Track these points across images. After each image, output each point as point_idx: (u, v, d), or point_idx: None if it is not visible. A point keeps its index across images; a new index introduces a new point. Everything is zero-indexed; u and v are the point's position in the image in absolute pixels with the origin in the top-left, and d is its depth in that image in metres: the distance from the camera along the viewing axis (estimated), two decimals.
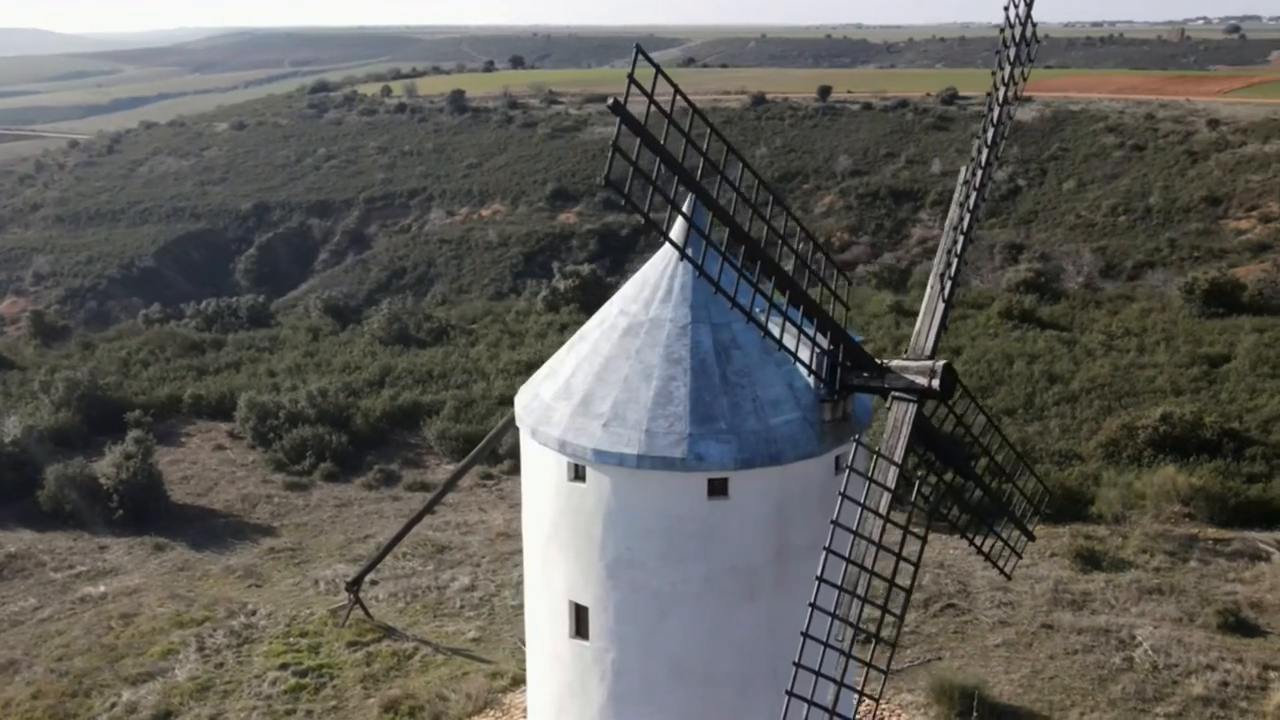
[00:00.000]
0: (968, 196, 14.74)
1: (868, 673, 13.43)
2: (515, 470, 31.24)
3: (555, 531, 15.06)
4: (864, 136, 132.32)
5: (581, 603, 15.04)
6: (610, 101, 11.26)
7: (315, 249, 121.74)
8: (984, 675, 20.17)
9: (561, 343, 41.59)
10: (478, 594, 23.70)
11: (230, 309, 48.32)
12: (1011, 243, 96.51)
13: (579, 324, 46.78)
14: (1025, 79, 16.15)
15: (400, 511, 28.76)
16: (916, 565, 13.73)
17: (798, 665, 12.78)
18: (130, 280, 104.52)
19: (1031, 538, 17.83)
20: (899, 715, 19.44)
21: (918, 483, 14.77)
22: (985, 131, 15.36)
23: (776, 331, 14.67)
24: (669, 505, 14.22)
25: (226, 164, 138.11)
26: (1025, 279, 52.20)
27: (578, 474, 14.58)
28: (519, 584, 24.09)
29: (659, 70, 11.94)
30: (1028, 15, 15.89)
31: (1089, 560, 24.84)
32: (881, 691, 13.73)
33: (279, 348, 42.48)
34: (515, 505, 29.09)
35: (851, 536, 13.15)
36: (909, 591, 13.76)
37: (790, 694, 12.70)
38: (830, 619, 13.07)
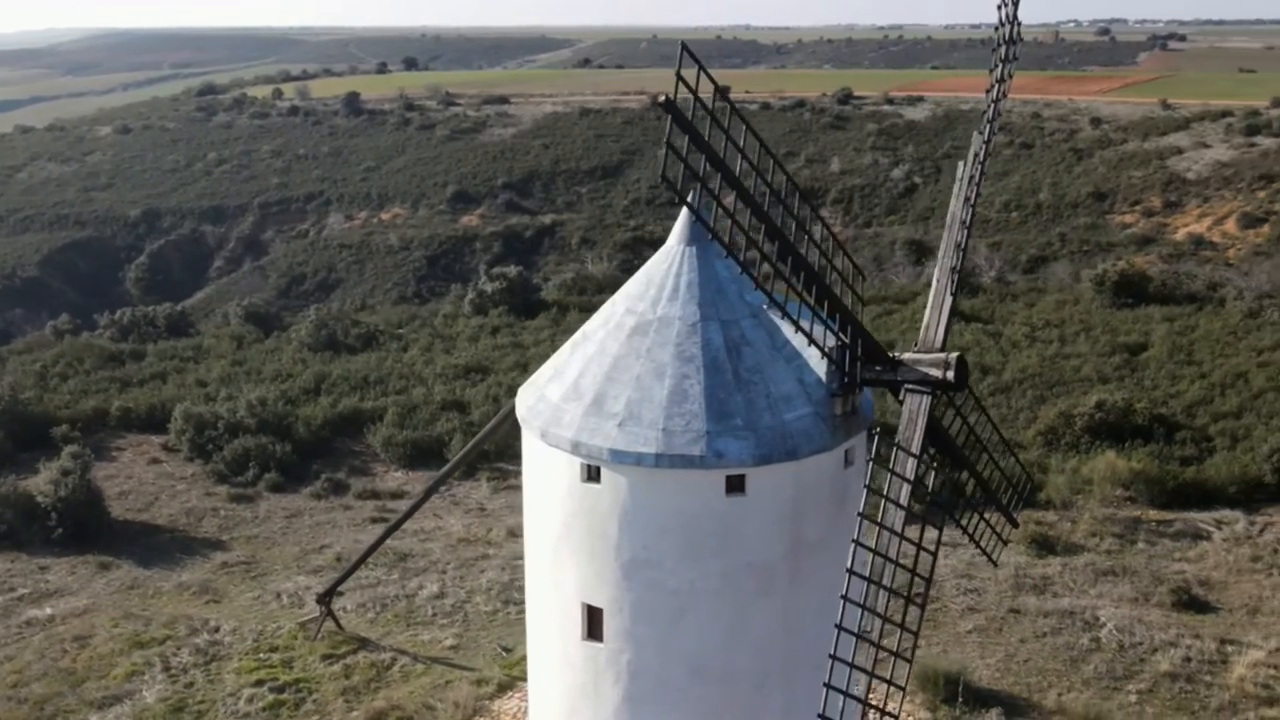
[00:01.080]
0: (970, 192, 15.07)
1: (895, 662, 13.64)
2: (466, 476, 30.94)
3: (567, 534, 14.94)
4: (763, 136, 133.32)
5: (595, 604, 14.94)
6: (662, 99, 11.20)
7: (209, 256, 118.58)
8: (962, 661, 20.62)
9: (495, 346, 41.47)
10: (448, 601, 23.38)
11: (147, 318, 46.73)
12: (911, 239, 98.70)
13: (510, 327, 46.72)
14: (1011, 77, 16.56)
15: (353, 521, 28.26)
16: (935, 554, 14.02)
17: (834, 657, 12.96)
18: (13, 291, 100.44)
19: (1016, 524, 18.32)
20: (889, 702, 19.71)
21: (934, 474, 15.03)
22: (984, 127, 15.73)
23: (788, 328, 14.85)
24: (687, 503, 14.23)
25: (112, 169, 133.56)
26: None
27: (591, 475, 14.48)
28: (489, 590, 23.90)
29: (701, 68, 11.94)
30: (1014, 16, 16.30)
31: (1044, 545, 25.60)
32: (907, 680, 14.04)
33: (203, 357, 41.25)
34: (471, 510, 28.84)
35: (875, 529, 13.36)
36: (929, 580, 14.07)
37: (828, 686, 12.83)
38: (860, 610, 13.27)
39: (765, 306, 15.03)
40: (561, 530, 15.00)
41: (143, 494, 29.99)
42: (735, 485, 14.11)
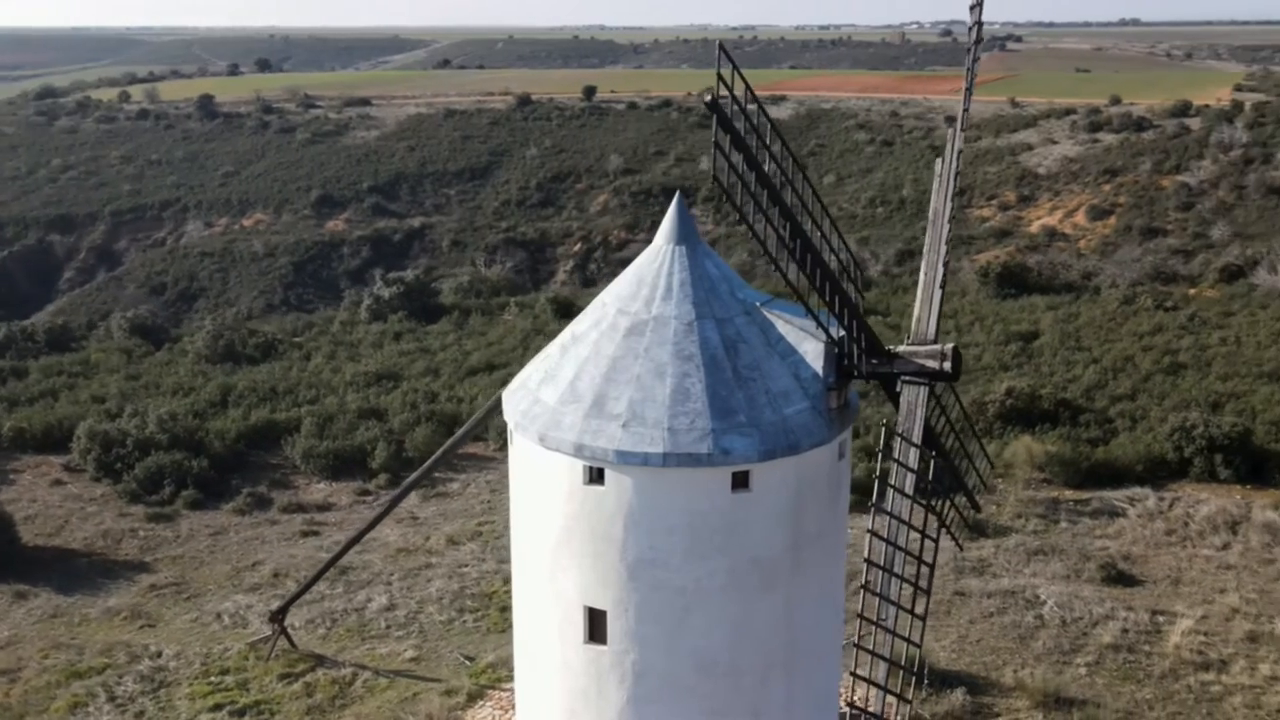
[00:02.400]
0: (952, 185, 15.53)
1: (907, 649, 14.02)
2: (392, 485, 30.34)
3: (568, 537, 14.85)
4: (632, 135, 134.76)
5: (598, 607, 14.89)
6: (708, 99, 11.24)
7: (59, 267, 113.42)
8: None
9: (402, 352, 40.78)
10: (400, 613, 22.93)
11: (26, 333, 44.27)
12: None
13: (413, 332, 46.00)
14: (975, 76, 17.11)
15: (282, 535, 27.44)
16: (937, 540, 14.46)
17: (858, 646, 13.25)
18: None
19: (978, 509, 18.96)
20: (856, 690, 20.15)
21: (932, 464, 15.46)
22: (955, 122, 16.22)
23: (782, 325, 15.09)
24: (693, 501, 14.32)
25: None
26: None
27: (594, 477, 14.44)
28: (441, 599, 23.54)
29: (736, 69, 11.99)
30: (979, 20, 16.87)
31: (975, 529, 26.45)
32: (918, 664, 14.49)
33: (93, 372, 39.38)
34: (404, 520, 28.33)
35: (887, 519, 13.70)
36: (932, 566, 14.50)
37: (855, 675, 13.10)
38: (878, 598, 13.59)
39: (760, 305, 15.26)
40: (562, 534, 14.89)
41: (51, 518, 28.51)
42: (740, 481, 14.26)
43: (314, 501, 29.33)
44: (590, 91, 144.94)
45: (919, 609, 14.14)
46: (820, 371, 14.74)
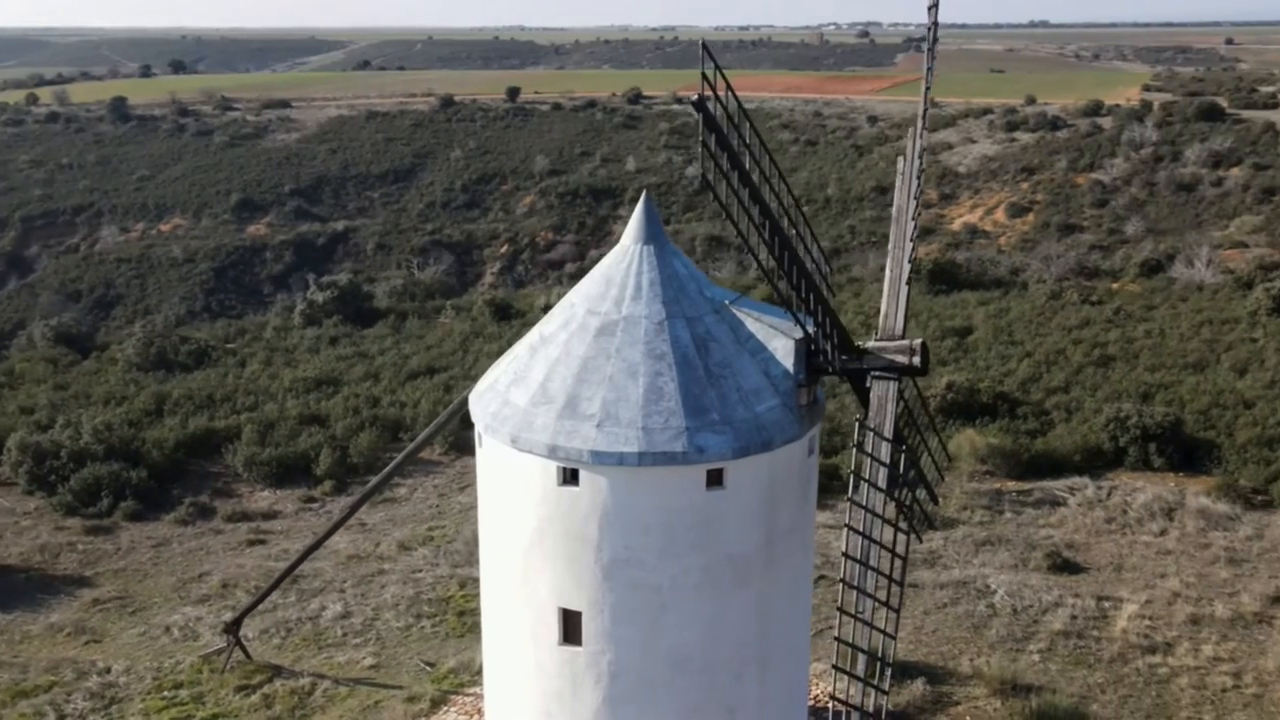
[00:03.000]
0: (915, 183, 15.77)
1: (883, 641, 14.21)
2: (338, 491, 29.99)
3: (540, 539, 14.78)
4: (557, 136, 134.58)
5: (572, 608, 14.85)
6: (694, 98, 11.28)
7: None
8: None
9: (339, 357, 40.19)
10: (356, 620, 22.63)
11: None
12: (711, 235, 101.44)
13: (349, 336, 45.38)
14: (934, 72, 17.37)
15: (228, 545, 26.93)
16: (908, 533, 14.68)
17: (839, 640, 13.40)
18: None
19: (936, 501, 19.27)
20: (816, 684, 20.38)
21: (904, 458, 15.67)
22: (919, 120, 16.47)
23: (751, 323, 15.20)
24: (669, 500, 14.35)
25: None
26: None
27: (568, 478, 14.40)
28: (397, 605, 23.28)
29: (718, 69, 12.03)
30: (935, 21, 17.16)
31: (923, 521, 26.85)
32: (894, 654, 14.71)
33: (19, 383, 38.23)
34: (352, 527, 27.96)
35: (862, 512, 13.88)
36: (905, 558, 14.73)
37: (837, 668, 13.24)
38: (855, 592, 13.74)
39: (729, 303, 15.35)
40: (534, 536, 14.81)
41: None
42: (715, 479, 14.32)
43: (259, 510, 28.83)
44: (514, 92, 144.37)
45: (893, 601, 14.31)
46: (790, 368, 14.88)
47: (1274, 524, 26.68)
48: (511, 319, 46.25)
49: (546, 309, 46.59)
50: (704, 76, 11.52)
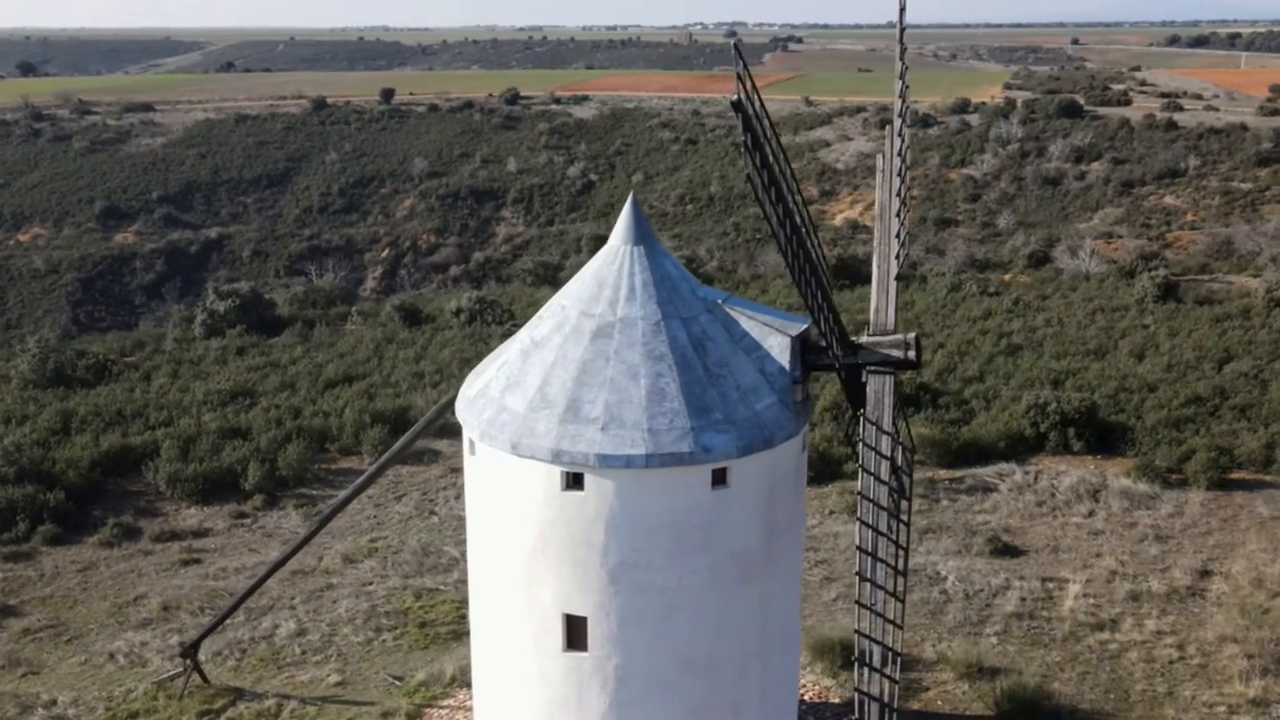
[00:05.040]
0: (898, 180, 16.07)
1: (892, 631, 14.43)
2: (269, 506, 29.10)
3: (543, 545, 14.65)
4: (435, 138, 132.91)
5: (578, 614, 14.76)
6: (734, 98, 11.27)
7: None
8: (844, 627, 21.82)
9: (249, 367, 39.01)
10: (313, 637, 21.98)
11: None
12: (596, 235, 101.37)
13: (256, 346, 44.09)
14: (907, 65, 17.66)
15: (160, 566, 25.88)
16: (908, 524, 14.98)
17: (858, 633, 13.57)
18: None
19: (905, 492, 19.63)
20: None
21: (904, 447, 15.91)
22: (896, 120, 16.78)
23: (745, 321, 15.29)
24: (675, 500, 14.37)
25: None
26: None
27: (572, 482, 14.29)
28: (353, 619, 22.72)
29: (746, 69, 12.04)
30: (902, 24, 17.50)
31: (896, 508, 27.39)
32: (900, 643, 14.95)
33: None
34: (288, 541, 27.12)
35: (870, 506, 14.10)
36: (907, 550, 15.01)
37: (859, 661, 13.41)
38: (870, 585, 13.95)
39: (721, 301, 15.42)
40: (537, 543, 14.66)
41: None
42: (719, 478, 14.41)
43: (188, 528, 27.75)
44: (388, 94, 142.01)
45: (899, 591, 14.57)
46: (786, 365, 15.02)
47: (1191, 501, 27.97)
48: (422, 324, 45.49)
49: (457, 313, 46.13)
50: (738, 77, 11.56)
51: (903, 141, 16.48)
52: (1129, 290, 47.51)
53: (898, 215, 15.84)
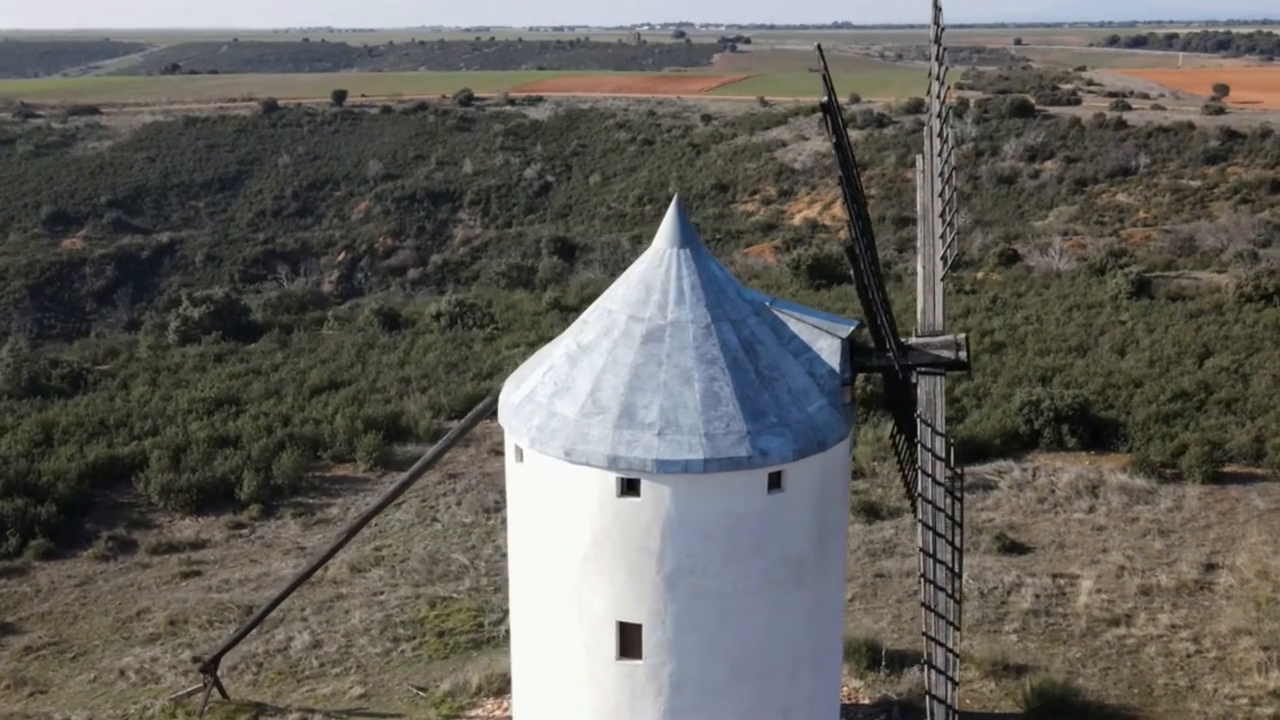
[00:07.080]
0: (943, 182, 16.03)
1: (950, 631, 14.40)
2: (266, 515, 28.57)
3: (597, 553, 14.47)
4: (390, 140, 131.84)
5: (632, 621, 14.58)
6: (823, 100, 11.16)
7: None
8: (869, 628, 21.85)
9: (230, 374, 38.35)
10: (330, 649, 21.57)
11: None
12: (555, 236, 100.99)
13: (235, 353, 43.31)
14: (947, 71, 17.57)
15: (160, 579, 25.29)
16: (962, 525, 14.98)
17: (928, 636, 13.54)
18: None
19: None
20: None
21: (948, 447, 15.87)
22: (934, 120, 16.72)
23: (793, 323, 15.20)
24: (731, 505, 14.26)
25: None
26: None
27: (627, 488, 14.12)
28: (368, 630, 22.34)
29: (826, 73, 11.93)
30: (938, 20, 17.48)
31: (871, 512, 27.49)
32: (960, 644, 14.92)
33: None
34: (290, 551, 26.79)
35: (929, 508, 14.07)
36: (961, 549, 15.00)
37: (929, 664, 13.38)
38: (933, 588, 13.92)
39: (768, 304, 15.32)
40: (591, 550, 14.47)
41: None
42: (774, 482, 14.31)
43: (185, 540, 27.15)
44: (340, 96, 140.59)
45: (956, 593, 14.55)
46: (836, 367, 14.96)
47: (1188, 495, 28.33)
48: (402, 328, 44.96)
49: (437, 317, 45.63)
50: (825, 79, 11.44)
51: (943, 142, 16.43)
52: (1101, 287, 48.14)
53: (941, 215, 15.81)
